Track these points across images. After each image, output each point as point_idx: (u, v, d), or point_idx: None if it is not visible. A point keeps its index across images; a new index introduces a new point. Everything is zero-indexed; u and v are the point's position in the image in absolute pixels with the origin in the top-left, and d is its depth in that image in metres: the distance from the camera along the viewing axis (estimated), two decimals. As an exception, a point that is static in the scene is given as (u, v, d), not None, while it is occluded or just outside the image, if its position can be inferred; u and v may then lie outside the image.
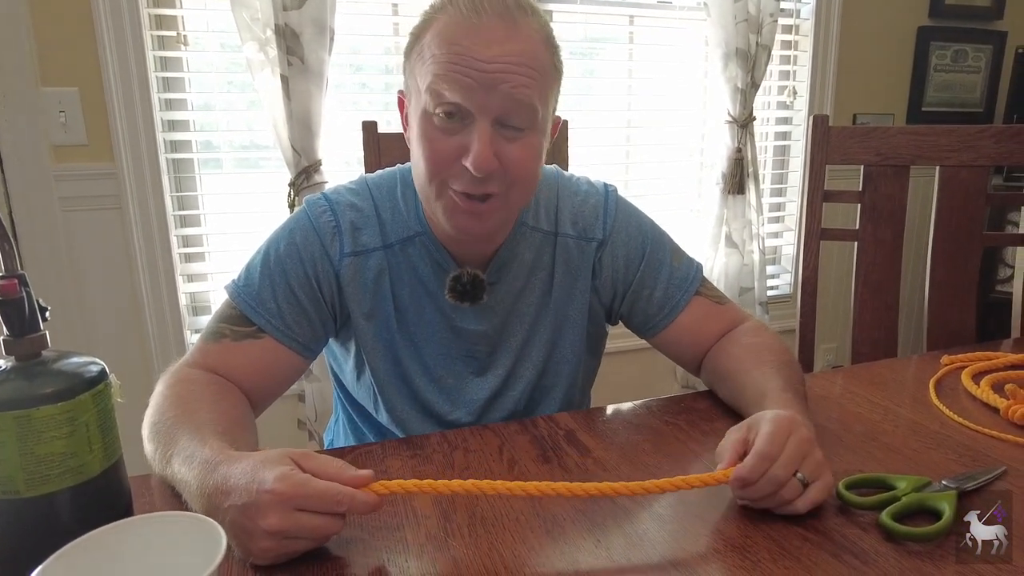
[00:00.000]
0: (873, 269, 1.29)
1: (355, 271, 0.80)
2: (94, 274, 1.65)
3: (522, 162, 0.71)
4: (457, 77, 0.67)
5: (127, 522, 0.49)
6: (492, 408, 0.88)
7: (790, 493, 0.58)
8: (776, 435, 0.60)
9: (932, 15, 2.31)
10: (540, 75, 0.70)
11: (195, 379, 0.72)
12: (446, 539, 0.57)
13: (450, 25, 0.68)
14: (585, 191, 0.88)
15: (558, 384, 0.89)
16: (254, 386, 0.76)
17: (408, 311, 0.83)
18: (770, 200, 2.31)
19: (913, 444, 0.74)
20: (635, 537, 0.58)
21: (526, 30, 0.69)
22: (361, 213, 0.81)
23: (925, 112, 2.37)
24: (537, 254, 0.85)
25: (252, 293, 0.77)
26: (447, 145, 0.70)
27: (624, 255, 0.87)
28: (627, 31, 2.03)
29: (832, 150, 1.27)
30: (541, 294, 0.86)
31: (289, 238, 0.79)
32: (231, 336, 0.76)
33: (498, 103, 0.68)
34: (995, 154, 1.24)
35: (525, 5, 0.70)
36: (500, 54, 0.67)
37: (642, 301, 0.88)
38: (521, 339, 0.86)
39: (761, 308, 2.12)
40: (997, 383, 0.88)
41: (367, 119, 1.17)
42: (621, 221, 0.88)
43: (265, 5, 1.50)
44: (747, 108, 1.98)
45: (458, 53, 0.67)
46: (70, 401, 0.51)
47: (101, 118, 1.58)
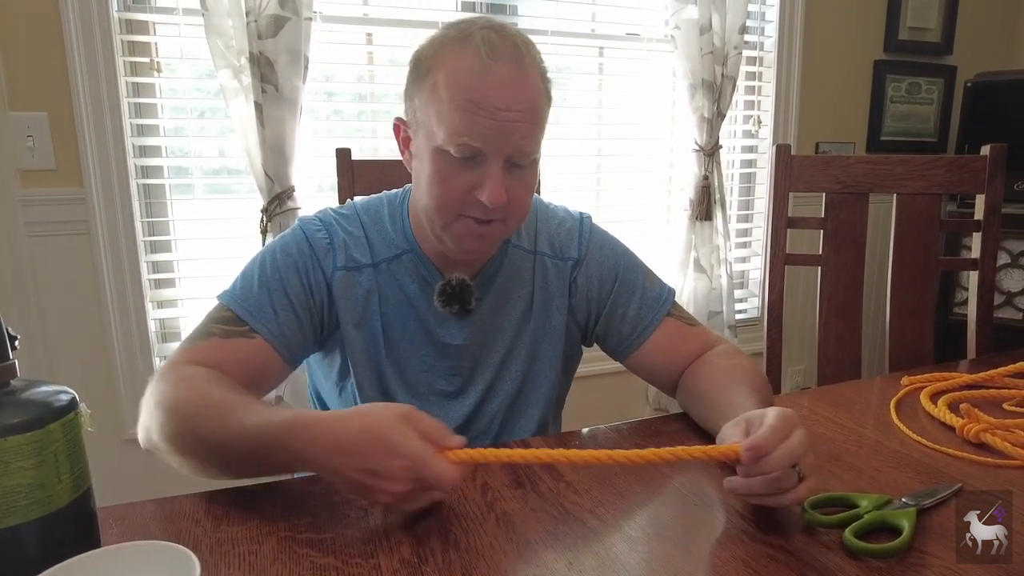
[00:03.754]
0: (836, 293, 1.33)
1: (346, 285, 0.83)
2: (60, 300, 1.62)
3: (522, 199, 0.79)
4: (477, 123, 0.72)
5: (96, 553, 0.49)
6: (470, 427, 0.89)
7: (788, 482, 0.60)
8: (786, 420, 0.62)
9: (887, 49, 2.42)
10: (541, 118, 0.77)
11: (197, 373, 0.72)
12: (420, 565, 0.58)
13: (466, 69, 0.72)
14: (561, 216, 0.94)
15: (535, 402, 0.92)
16: (240, 383, 0.75)
17: (394, 329, 0.85)
18: (737, 226, 2.36)
19: (875, 463, 0.77)
20: (607, 559, 0.59)
21: (531, 71, 0.75)
22: (351, 235, 0.85)
23: (884, 141, 2.47)
24: (519, 270, 0.89)
25: (249, 298, 0.79)
26: (460, 181, 0.75)
27: (598, 275, 0.91)
28: (597, 62, 2.08)
29: (795, 178, 1.32)
30: (522, 310, 0.89)
31: (285, 250, 0.83)
32: (220, 334, 0.77)
33: (510, 147, 0.74)
34: (946, 182, 1.29)
35: (528, 42, 0.76)
36: (513, 102, 0.72)
37: (616, 321, 0.91)
38: (502, 354, 0.89)
39: (730, 331, 2.16)
40: (953, 403, 0.92)
41: (341, 146, 1.18)
42: (595, 243, 0.92)
43: (239, 33, 1.51)
44: (713, 137, 2.03)
45: (476, 102, 0.71)
46: (39, 431, 0.50)
47: (70, 143, 1.56)
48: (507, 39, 0.74)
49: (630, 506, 0.68)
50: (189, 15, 1.60)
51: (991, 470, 0.75)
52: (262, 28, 1.51)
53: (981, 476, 0.73)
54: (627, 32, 2.09)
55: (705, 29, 1.94)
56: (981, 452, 0.79)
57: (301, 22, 1.54)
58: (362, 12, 1.78)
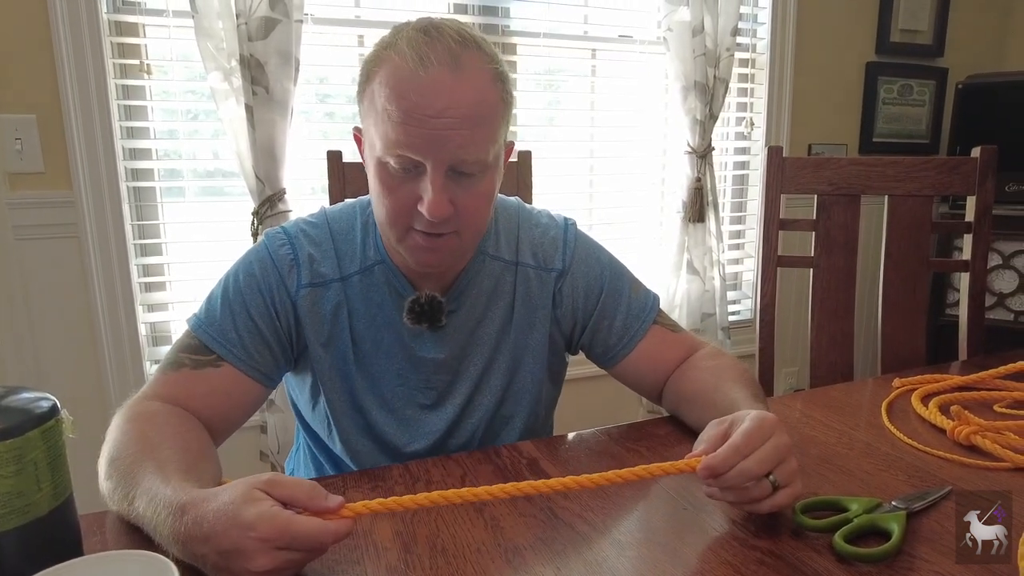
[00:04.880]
0: (828, 295, 1.33)
1: (312, 302, 0.81)
2: (49, 304, 1.60)
3: (474, 209, 0.74)
4: (407, 131, 0.68)
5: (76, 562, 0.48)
6: (450, 438, 0.88)
7: (759, 492, 0.60)
8: (754, 432, 0.61)
9: (879, 51, 2.42)
10: (487, 120, 0.71)
11: (154, 412, 0.70)
12: (407, 571, 0.57)
13: (397, 75, 0.68)
14: (545, 224, 0.90)
15: (518, 413, 0.90)
16: (214, 415, 0.75)
17: (365, 343, 0.83)
18: (730, 228, 2.36)
19: (866, 466, 0.76)
20: (594, 564, 0.58)
21: (472, 72, 0.69)
22: (319, 247, 0.82)
23: (876, 143, 2.47)
24: (497, 283, 0.86)
25: (214, 324, 0.77)
26: (403, 192, 0.72)
27: (584, 286, 0.89)
28: (589, 64, 2.08)
29: (787, 180, 1.32)
30: (501, 323, 0.87)
31: (247, 269, 0.80)
32: (191, 365, 0.75)
33: (448, 156, 0.69)
34: (937, 184, 1.30)
35: (471, 41, 0.70)
36: (448, 107, 0.67)
37: (603, 332, 0.90)
38: (480, 368, 0.87)
39: (723, 333, 2.16)
40: (944, 404, 0.91)
41: (332, 148, 1.18)
42: (580, 252, 0.90)
43: (230, 35, 1.51)
44: (706, 139, 2.03)
45: (406, 110, 0.68)
46: (18, 438, 0.50)
47: (59, 145, 1.55)
48: (441, 40, 0.68)
49: (619, 511, 0.67)
50: (179, 17, 1.59)
51: (981, 472, 0.75)
52: (252, 30, 1.51)
53: (971, 479, 0.73)
54: (619, 34, 2.08)
55: (697, 31, 1.94)
56: (971, 455, 0.78)
57: (292, 24, 1.53)
58: (354, 14, 1.77)
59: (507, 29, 1.92)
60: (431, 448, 0.86)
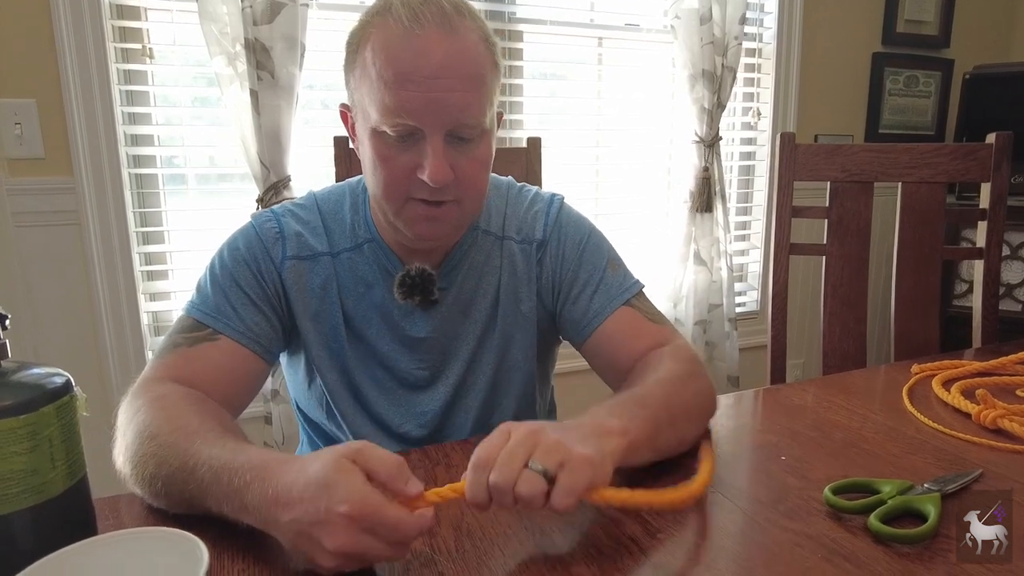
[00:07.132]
0: (841, 283, 1.31)
1: (298, 274, 0.80)
2: (50, 292, 1.58)
3: (473, 175, 0.73)
4: (408, 98, 0.67)
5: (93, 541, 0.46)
6: (448, 421, 0.87)
7: (527, 488, 0.50)
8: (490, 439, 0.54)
9: (885, 42, 2.41)
10: (483, 81, 0.70)
11: (167, 392, 0.68)
12: (433, 555, 0.55)
13: (390, 38, 0.67)
14: (531, 199, 0.89)
15: (510, 393, 0.88)
16: (216, 392, 0.72)
17: (355, 320, 0.82)
18: (736, 218, 2.35)
19: (892, 449, 0.75)
20: (624, 547, 0.57)
21: (465, 33, 0.69)
22: (307, 224, 0.82)
23: (882, 134, 2.46)
24: (487, 257, 0.85)
25: (206, 302, 0.77)
26: (402, 161, 0.70)
27: (561, 255, 0.86)
28: (596, 52, 2.06)
29: (799, 167, 1.30)
30: (492, 298, 0.85)
31: (232, 246, 0.81)
32: (185, 343, 0.74)
33: (448, 119, 0.68)
34: (951, 171, 1.28)
35: (461, 8, 0.70)
36: (443, 67, 0.67)
37: (570, 302, 0.86)
38: (472, 345, 0.85)
39: (730, 324, 2.14)
40: (967, 389, 0.90)
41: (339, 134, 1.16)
42: (562, 223, 0.88)
43: (234, 19, 1.48)
44: (713, 128, 2.02)
45: (403, 73, 0.66)
46: (32, 414, 0.48)
47: (60, 131, 1.52)
48: (432, 2, 0.68)
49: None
50: (182, 0, 1.56)
51: (1010, 455, 0.73)
52: (257, 14, 1.48)
53: (1001, 462, 0.72)
54: (626, 22, 2.06)
55: (705, 19, 1.92)
56: (998, 438, 0.77)
57: (297, 8, 1.51)
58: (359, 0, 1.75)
59: (513, 16, 1.90)
60: (426, 431, 0.85)
